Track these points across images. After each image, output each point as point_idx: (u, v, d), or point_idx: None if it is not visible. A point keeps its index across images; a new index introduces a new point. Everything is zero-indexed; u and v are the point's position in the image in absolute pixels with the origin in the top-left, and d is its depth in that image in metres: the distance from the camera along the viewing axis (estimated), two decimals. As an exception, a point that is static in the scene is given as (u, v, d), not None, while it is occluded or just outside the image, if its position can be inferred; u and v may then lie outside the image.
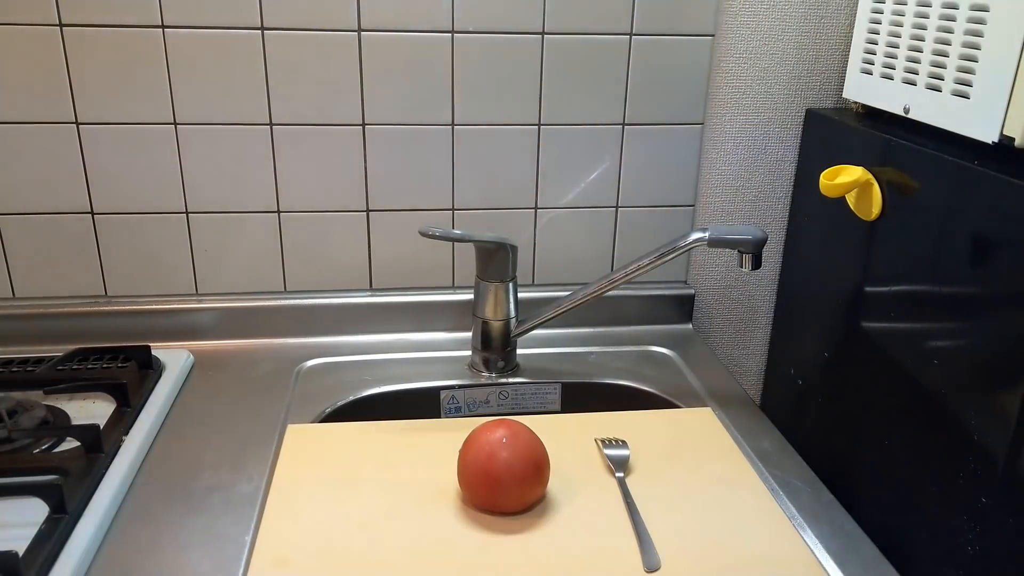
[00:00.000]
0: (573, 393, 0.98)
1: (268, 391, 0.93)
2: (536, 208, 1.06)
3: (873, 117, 0.92)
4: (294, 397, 0.92)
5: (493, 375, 0.97)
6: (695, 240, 0.85)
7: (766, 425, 0.89)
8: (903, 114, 0.83)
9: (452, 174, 1.03)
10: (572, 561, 0.66)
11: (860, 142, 0.87)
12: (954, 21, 0.74)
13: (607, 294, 0.93)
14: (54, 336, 1.00)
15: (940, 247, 0.74)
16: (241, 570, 0.66)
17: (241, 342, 1.04)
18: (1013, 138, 0.68)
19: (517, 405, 0.97)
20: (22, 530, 0.66)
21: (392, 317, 1.06)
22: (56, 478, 0.72)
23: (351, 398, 0.93)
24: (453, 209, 1.05)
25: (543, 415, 0.90)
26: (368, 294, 1.06)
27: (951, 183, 0.72)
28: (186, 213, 1.00)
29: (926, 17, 0.78)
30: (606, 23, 0.99)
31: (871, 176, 0.83)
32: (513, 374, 0.98)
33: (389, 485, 0.76)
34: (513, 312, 0.95)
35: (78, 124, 0.95)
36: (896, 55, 0.84)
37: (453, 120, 1.01)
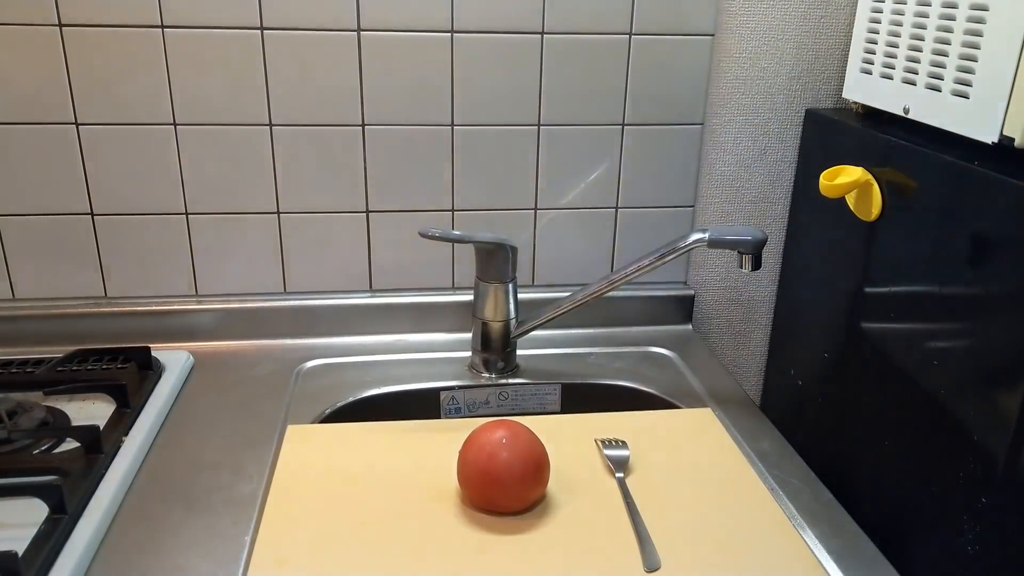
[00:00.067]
0: (573, 394, 0.98)
1: (268, 392, 0.93)
2: (536, 209, 1.06)
3: (873, 117, 0.92)
4: (294, 398, 0.92)
5: (493, 376, 0.97)
6: (695, 241, 0.85)
7: (766, 425, 0.89)
8: (903, 114, 0.83)
9: (452, 175, 1.03)
10: (572, 561, 0.66)
11: (860, 142, 0.87)
12: (954, 21, 0.74)
13: (607, 295, 0.93)
14: (54, 337, 1.00)
15: (940, 247, 0.74)
16: (241, 570, 0.66)
17: (241, 343, 1.04)
18: (1013, 138, 0.68)
19: (517, 406, 0.97)
20: (22, 530, 0.66)
21: (392, 318, 1.06)
22: (56, 479, 0.71)
23: (351, 399, 0.93)
24: (453, 210, 1.05)
25: (543, 416, 0.90)
26: (368, 295, 1.06)
27: (951, 183, 0.72)
28: (186, 214, 1.00)
29: (926, 17, 0.79)
30: (606, 23, 0.99)
31: (871, 176, 0.83)
32: (513, 375, 0.98)
33: (389, 485, 0.76)
34: (513, 313, 0.95)
35: (78, 125, 0.95)
36: (896, 55, 0.84)
37: (453, 120, 1.01)
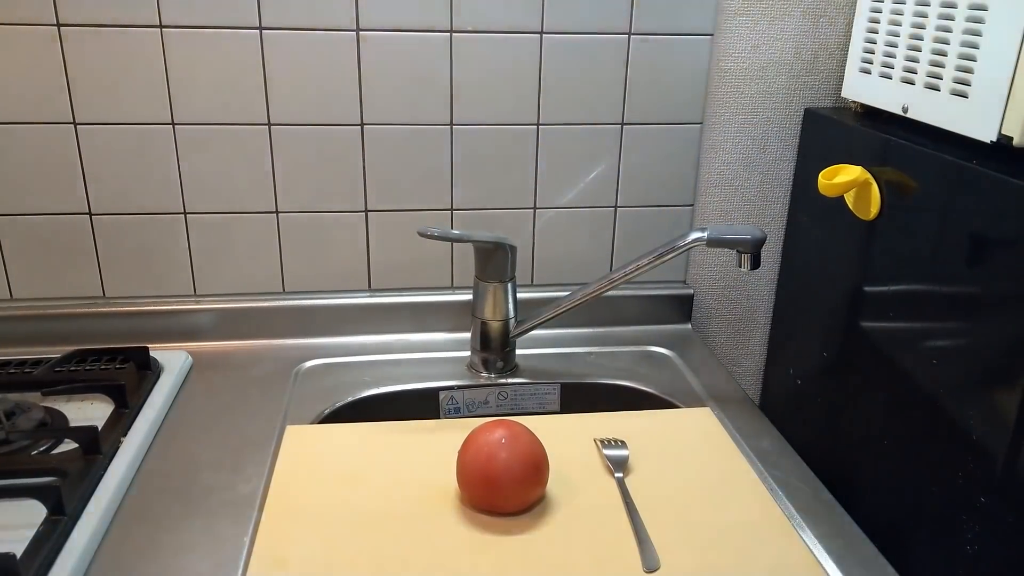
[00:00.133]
0: (572, 393, 0.98)
1: (267, 392, 0.93)
2: (535, 208, 1.06)
3: (872, 117, 0.92)
4: (293, 398, 0.92)
5: (492, 376, 0.97)
6: (694, 240, 0.85)
7: (765, 425, 0.89)
8: (902, 114, 0.83)
9: (451, 174, 1.03)
10: (572, 561, 0.66)
11: (859, 142, 0.87)
12: (952, 21, 0.74)
13: (606, 294, 0.93)
14: (52, 337, 1.00)
15: (939, 247, 0.74)
16: (240, 571, 0.65)
17: (240, 343, 1.03)
18: (1011, 137, 0.68)
19: (516, 406, 0.97)
20: (20, 532, 0.66)
21: (391, 318, 1.06)
22: (54, 480, 0.71)
23: (350, 399, 0.93)
24: (452, 209, 1.05)
25: (542, 415, 0.90)
26: (367, 295, 1.06)
27: (950, 183, 0.72)
28: (184, 214, 1.00)
29: (925, 17, 0.79)
30: (606, 23, 0.99)
31: (870, 176, 0.83)
32: (512, 375, 0.98)
33: (388, 486, 0.76)
34: (512, 312, 0.95)
35: (76, 124, 0.95)
36: (895, 55, 0.84)
37: (452, 120, 1.00)
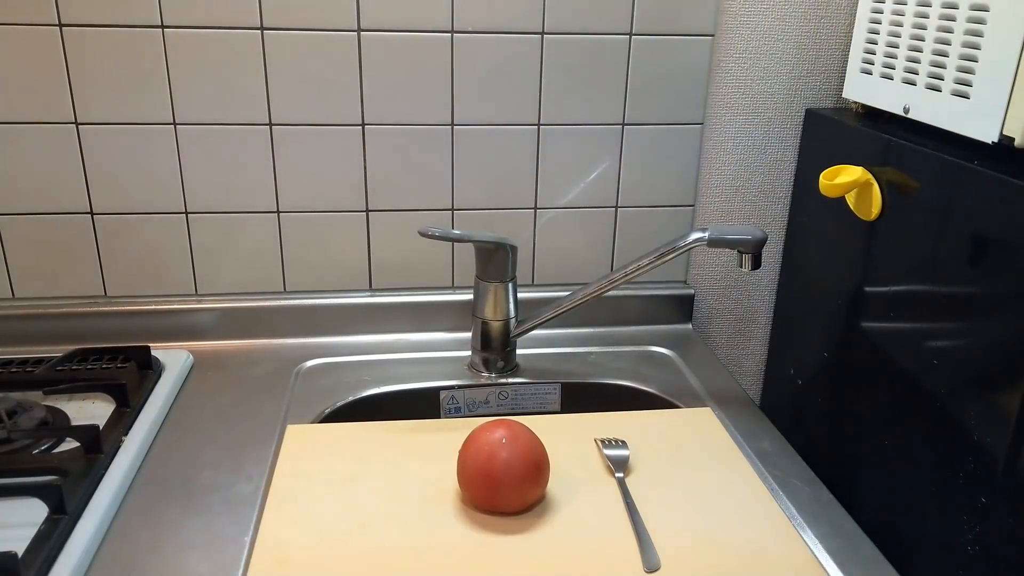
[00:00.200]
0: (573, 393, 0.98)
1: (268, 391, 0.93)
2: (536, 208, 1.06)
3: (873, 117, 0.92)
4: (294, 397, 0.92)
5: (493, 375, 0.97)
6: (695, 240, 0.85)
7: (766, 425, 0.89)
8: (903, 114, 0.83)
9: (452, 174, 1.03)
10: (572, 561, 0.66)
11: (860, 142, 0.87)
12: (954, 21, 0.74)
13: (607, 294, 0.93)
14: (54, 336, 1.00)
15: (940, 247, 0.74)
16: (240, 570, 0.66)
17: (241, 342, 1.04)
18: (1013, 138, 0.68)
19: (517, 405, 0.97)
20: (21, 531, 0.66)
21: (392, 317, 1.06)
22: (55, 479, 0.71)
23: (351, 398, 0.93)
24: (453, 209, 1.05)
25: (543, 415, 0.90)
26: (368, 294, 1.06)
27: (951, 183, 0.72)
28: (186, 213, 1.00)
29: (926, 17, 0.78)
30: (606, 23, 0.99)
31: (871, 176, 0.83)
32: (513, 374, 0.98)
33: (389, 485, 0.76)
34: (513, 312, 0.95)
35: (78, 124, 0.95)
36: (896, 55, 0.84)
37: (453, 120, 1.01)
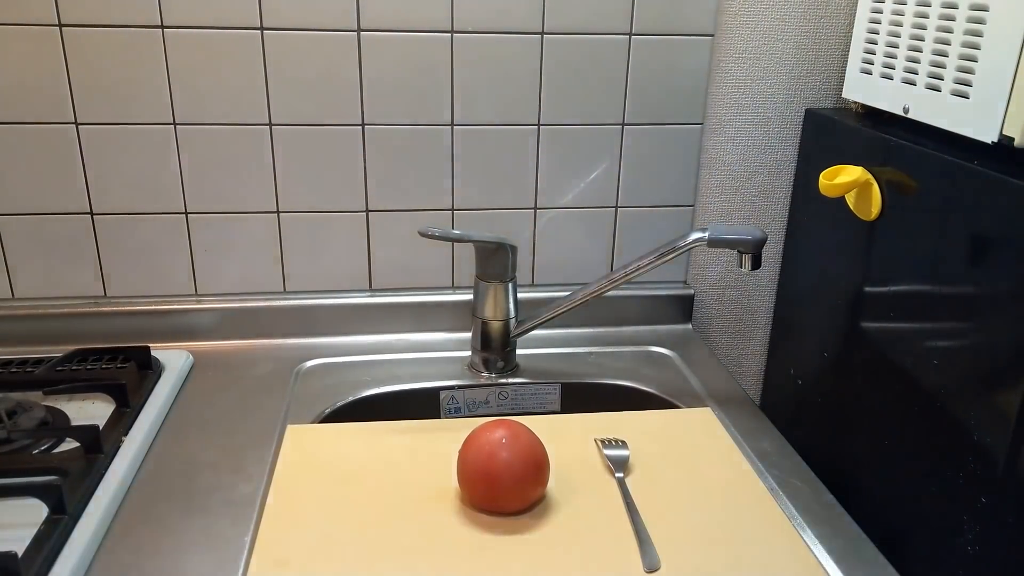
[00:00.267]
0: (573, 393, 0.98)
1: (268, 391, 0.93)
2: (536, 208, 1.06)
3: (873, 117, 0.92)
4: (293, 397, 0.92)
5: (493, 375, 0.97)
6: (695, 240, 0.85)
7: (766, 425, 0.89)
8: (903, 114, 0.83)
9: (451, 174, 1.03)
10: (572, 561, 0.66)
11: (860, 142, 0.87)
12: (954, 21, 0.74)
13: (607, 294, 0.93)
14: (53, 337, 1.00)
15: (940, 247, 0.74)
16: (240, 571, 0.65)
17: (240, 343, 1.04)
18: (1012, 138, 0.68)
19: (517, 405, 0.97)
20: (21, 531, 0.66)
21: (392, 317, 1.06)
22: (55, 479, 0.71)
23: (351, 398, 0.93)
24: (452, 209, 1.05)
25: (543, 415, 0.90)
26: (368, 294, 1.06)
27: (951, 183, 0.72)
28: (185, 213, 1.00)
29: (926, 17, 0.79)
30: (606, 23, 0.99)
31: (870, 176, 0.83)
32: (513, 374, 0.98)
33: (389, 485, 0.76)
34: (513, 312, 0.95)
35: (77, 124, 0.95)
36: (896, 55, 0.84)
37: (453, 120, 1.01)
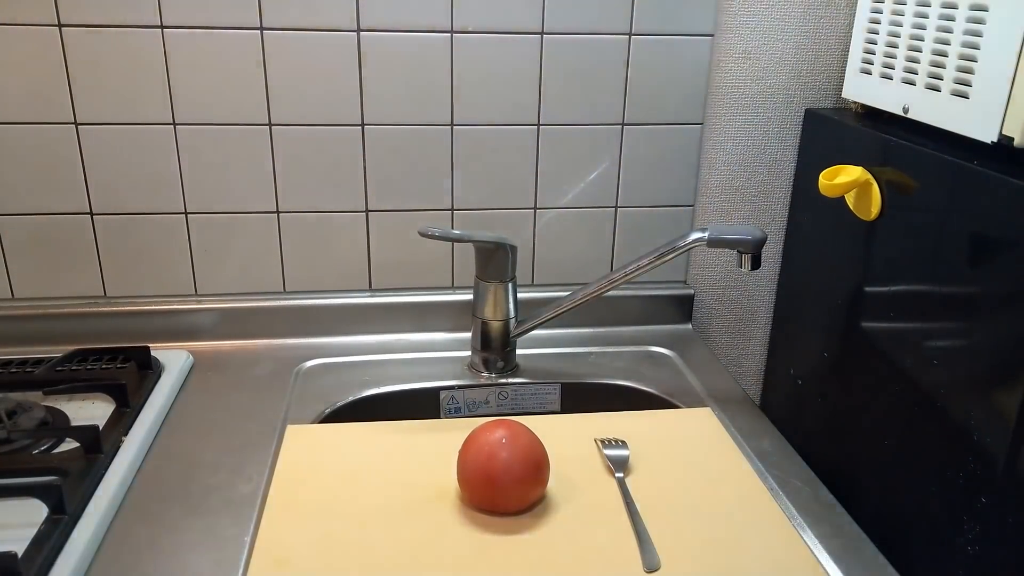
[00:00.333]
0: (573, 393, 0.98)
1: (267, 392, 0.93)
2: (536, 208, 1.06)
3: (872, 117, 0.92)
4: (293, 398, 0.92)
5: (493, 375, 0.97)
6: (695, 240, 0.85)
7: (766, 425, 0.89)
8: (902, 114, 0.83)
9: (451, 174, 1.03)
10: (572, 561, 0.66)
11: (859, 142, 0.87)
12: (953, 21, 0.74)
13: (607, 294, 0.93)
14: (53, 337, 1.00)
15: (939, 247, 0.74)
16: (240, 571, 0.65)
17: (240, 343, 1.04)
18: (1012, 138, 0.68)
19: (517, 405, 0.97)
20: (21, 531, 0.66)
21: (392, 317, 1.06)
22: (55, 479, 0.71)
23: (351, 398, 0.93)
24: (452, 209, 1.05)
25: (543, 415, 0.90)
26: (367, 294, 1.06)
27: (950, 183, 0.72)
28: (185, 213, 1.00)
29: (925, 17, 0.79)
30: (606, 23, 0.99)
31: (870, 176, 0.83)
32: (513, 374, 0.98)
33: (389, 485, 0.76)
34: (512, 312, 0.95)
35: (77, 124, 0.95)
36: (895, 55, 0.84)
37: (452, 120, 1.01)
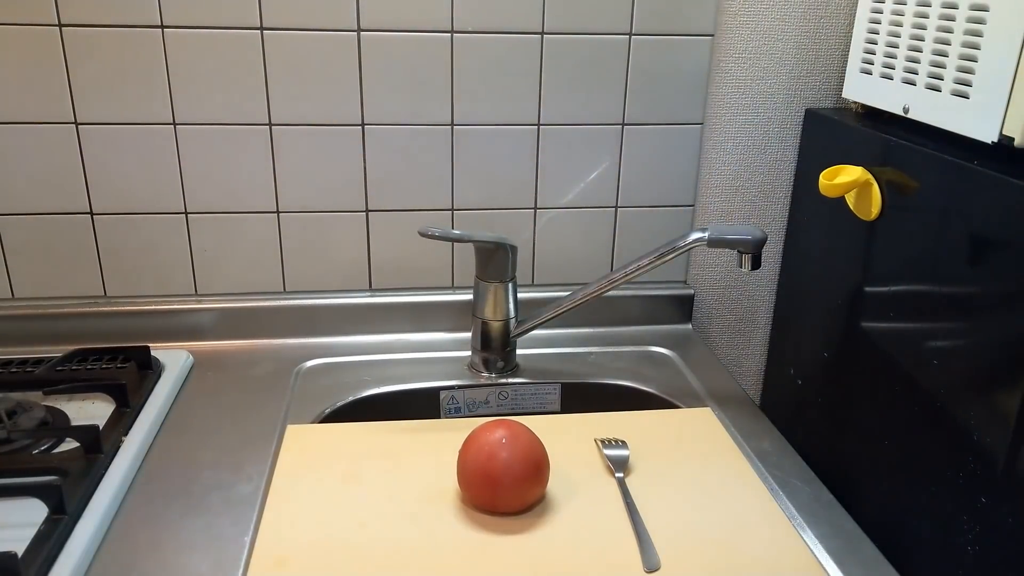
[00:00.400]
0: (573, 393, 0.98)
1: (268, 391, 0.93)
2: (536, 208, 1.06)
3: (873, 117, 0.92)
4: (294, 397, 0.92)
5: (493, 375, 0.97)
6: (695, 240, 0.85)
7: (766, 425, 0.89)
8: (902, 114, 0.83)
9: (452, 174, 1.03)
10: (572, 561, 0.66)
11: (860, 142, 0.87)
12: (954, 21, 0.74)
13: (607, 294, 0.93)
14: (53, 337, 1.00)
15: (940, 247, 0.74)
16: (240, 570, 0.66)
17: (241, 342, 1.04)
18: (1012, 138, 0.68)
19: (517, 405, 0.97)
20: (21, 531, 0.66)
21: (392, 317, 1.06)
22: (55, 479, 0.71)
23: (351, 398, 0.93)
24: (453, 209, 1.05)
25: (543, 415, 0.90)
26: (368, 294, 1.06)
27: (951, 183, 0.72)
28: (185, 213, 1.00)
29: (926, 17, 0.79)
30: (606, 23, 0.99)
31: (870, 176, 0.83)
32: (513, 374, 0.98)
33: (389, 485, 0.76)
34: (513, 312, 0.95)
35: (77, 124, 0.95)
36: (896, 55, 0.84)
37: (452, 120, 1.01)
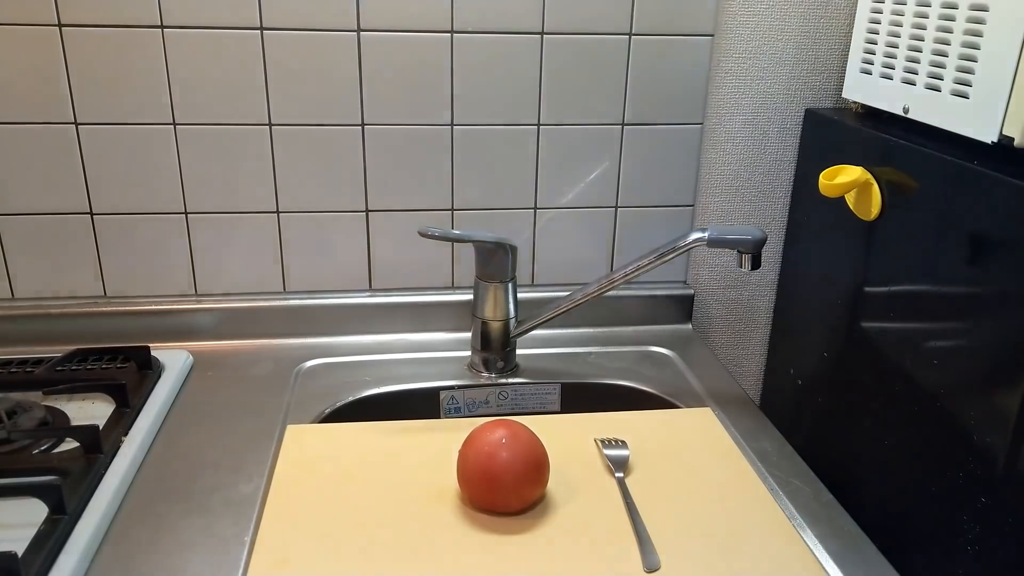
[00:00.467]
0: (573, 393, 0.98)
1: (267, 391, 0.93)
2: (536, 208, 1.06)
3: (872, 117, 0.92)
4: (293, 397, 0.92)
5: (493, 375, 0.97)
6: (695, 240, 0.85)
7: (766, 425, 0.89)
8: (902, 114, 0.83)
9: (451, 174, 1.03)
10: (572, 561, 0.66)
11: (859, 142, 0.87)
12: (953, 21, 0.74)
13: (607, 294, 0.93)
14: (53, 337, 1.00)
15: (939, 247, 0.74)
16: (240, 570, 0.65)
17: (240, 342, 1.04)
18: (1012, 138, 0.68)
19: (517, 405, 0.97)
20: (21, 531, 0.66)
21: (392, 317, 1.06)
22: (55, 479, 0.71)
23: (351, 398, 0.93)
24: (452, 209, 1.05)
25: (543, 415, 0.90)
26: (368, 294, 1.06)
27: (950, 183, 0.73)
28: (185, 213, 1.00)
29: (925, 17, 0.79)
30: (606, 23, 0.99)
31: (870, 176, 0.83)
32: (513, 374, 0.98)
33: (389, 485, 0.76)
34: (512, 312, 0.95)
35: (77, 124, 0.95)
36: (895, 55, 0.84)
37: (452, 120, 1.01)
